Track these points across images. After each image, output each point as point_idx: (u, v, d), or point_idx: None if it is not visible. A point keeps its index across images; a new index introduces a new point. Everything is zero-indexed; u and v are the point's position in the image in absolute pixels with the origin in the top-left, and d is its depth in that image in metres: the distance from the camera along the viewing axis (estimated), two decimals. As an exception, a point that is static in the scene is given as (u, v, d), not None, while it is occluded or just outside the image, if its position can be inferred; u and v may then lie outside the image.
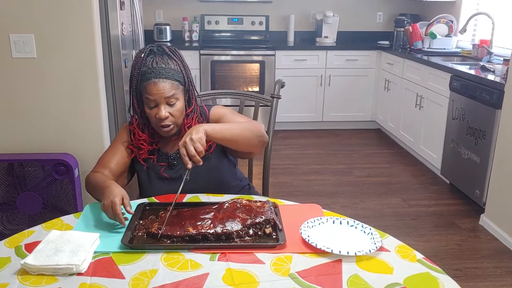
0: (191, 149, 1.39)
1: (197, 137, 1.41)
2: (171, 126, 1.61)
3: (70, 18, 2.49)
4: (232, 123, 1.61)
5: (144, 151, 1.67)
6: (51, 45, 2.52)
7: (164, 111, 1.56)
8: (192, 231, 1.33)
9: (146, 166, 1.68)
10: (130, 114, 1.69)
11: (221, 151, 1.73)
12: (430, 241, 2.94)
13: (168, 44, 4.94)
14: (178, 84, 1.59)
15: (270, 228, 1.36)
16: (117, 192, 1.41)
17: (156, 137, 1.69)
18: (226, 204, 1.45)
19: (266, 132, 2.09)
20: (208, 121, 1.69)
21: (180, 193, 1.44)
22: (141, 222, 1.42)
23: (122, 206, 1.40)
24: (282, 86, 2.13)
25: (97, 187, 1.53)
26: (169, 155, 1.69)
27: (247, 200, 1.47)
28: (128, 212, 1.39)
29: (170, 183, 1.67)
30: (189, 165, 1.40)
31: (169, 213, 1.39)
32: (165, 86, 1.55)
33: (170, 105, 1.58)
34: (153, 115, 1.58)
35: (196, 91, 1.72)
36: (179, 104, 1.60)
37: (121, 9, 2.83)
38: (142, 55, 1.58)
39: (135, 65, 1.59)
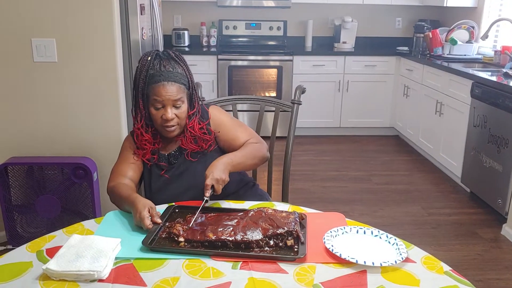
0: (220, 188, 1.54)
1: (226, 179, 1.56)
2: (175, 127, 1.66)
3: (91, 22, 2.51)
4: (243, 152, 1.71)
5: (147, 151, 1.71)
6: (72, 50, 2.54)
7: (170, 112, 1.62)
8: (212, 237, 1.32)
9: (149, 165, 1.73)
10: (132, 115, 1.73)
11: (219, 149, 1.79)
12: (451, 251, 2.88)
13: (186, 49, 4.98)
14: (184, 88, 1.65)
15: (292, 240, 1.33)
16: (142, 206, 1.43)
17: (158, 138, 1.73)
18: (251, 212, 1.43)
19: (286, 137, 2.09)
20: (209, 122, 1.75)
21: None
22: (167, 224, 1.42)
23: None
24: (303, 92, 2.11)
25: (122, 200, 1.56)
26: (168, 155, 1.74)
27: (273, 209, 1.45)
28: (155, 222, 1.40)
29: (171, 181, 1.72)
30: (208, 193, 1.52)
31: (191, 223, 1.38)
32: (173, 89, 1.61)
33: (176, 107, 1.64)
34: (159, 116, 1.63)
35: (199, 95, 1.79)
36: (184, 106, 1.66)
37: (141, 14, 2.84)
38: (149, 58, 1.63)
39: (141, 68, 1.63)
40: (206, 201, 1.51)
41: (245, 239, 1.31)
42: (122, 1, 2.63)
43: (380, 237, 1.38)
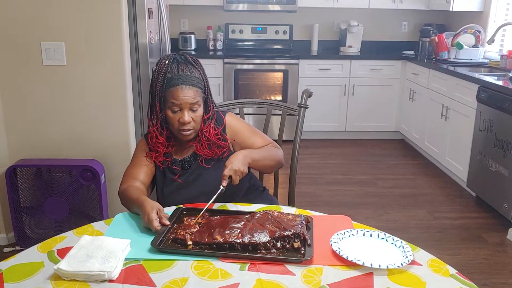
0: (237, 179, 1.56)
1: (245, 171, 1.58)
2: (191, 131, 1.67)
3: (99, 26, 2.53)
4: (264, 151, 1.74)
5: (160, 154, 1.73)
6: (81, 53, 2.57)
7: (187, 116, 1.63)
8: (219, 239, 1.34)
9: (162, 167, 1.74)
10: (148, 117, 1.75)
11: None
12: (456, 255, 2.88)
13: (193, 53, 5.01)
14: (201, 91, 1.67)
15: (299, 243, 1.34)
16: (150, 208, 1.45)
17: (171, 141, 1.75)
18: (257, 215, 1.44)
19: (292, 141, 2.10)
20: (224, 128, 1.77)
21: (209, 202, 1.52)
22: (175, 226, 1.43)
23: None
24: (310, 95, 2.12)
25: (131, 203, 1.58)
26: (182, 160, 1.75)
27: (279, 212, 1.46)
28: (163, 224, 1.42)
29: (183, 186, 1.74)
30: (225, 183, 1.54)
31: (202, 212, 1.41)
32: (191, 93, 1.62)
33: (193, 110, 1.65)
34: (176, 119, 1.65)
35: (213, 99, 1.79)
36: (200, 110, 1.68)
37: (149, 18, 2.87)
38: (167, 62, 1.64)
39: (159, 71, 1.65)
40: (222, 190, 1.53)
41: (252, 241, 1.33)
42: (131, 5, 2.65)
43: (387, 240, 1.39)
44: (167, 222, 1.43)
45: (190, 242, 1.34)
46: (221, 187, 1.53)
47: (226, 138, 1.75)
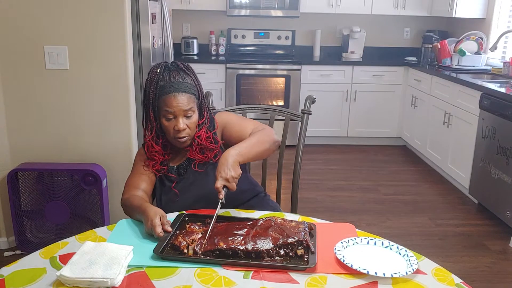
0: (233, 186, 1.49)
1: (236, 174, 1.50)
2: (187, 138, 1.67)
3: (103, 31, 2.53)
4: (250, 140, 1.64)
5: (157, 162, 1.72)
6: (84, 57, 2.57)
7: (182, 123, 1.63)
8: (222, 245, 1.33)
9: (159, 175, 1.74)
10: (143, 127, 1.74)
11: None
12: (458, 262, 2.87)
13: (195, 57, 5.01)
14: (194, 97, 1.66)
15: (302, 250, 1.34)
16: (153, 214, 1.44)
17: (167, 149, 1.75)
18: (260, 222, 1.44)
19: (294, 146, 2.09)
20: (216, 132, 1.75)
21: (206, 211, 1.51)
22: (177, 232, 1.43)
23: None
24: (313, 102, 2.12)
25: (134, 210, 1.57)
26: (178, 166, 1.75)
27: (282, 219, 1.45)
28: (166, 231, 1.41)
29: (181, 192, 1.73)
30: (222, 195, 1.47)
31: (208, 232, 1.39)
32: (184, 100, 1.62)
33: (187, 117, 1.65)
34: (171, 127, 1.64)
35: (207, 105, 1.78)
36: (195, 116, 1.67)
37: (152, 23, 2.87)
38: (158, 70, 1.64)
39: (151, 80, 1.65)
40: (222, 203, 1.47)
41: (255, 248, 1.32)
42: (134, 9, 2.66)
43: (391, 248, 1.38)
44: (170, 229, 1.42)
45: (186, 250, 1.33)
46: (220, 201, 1.47)
47: (218, 140, 1.74)
